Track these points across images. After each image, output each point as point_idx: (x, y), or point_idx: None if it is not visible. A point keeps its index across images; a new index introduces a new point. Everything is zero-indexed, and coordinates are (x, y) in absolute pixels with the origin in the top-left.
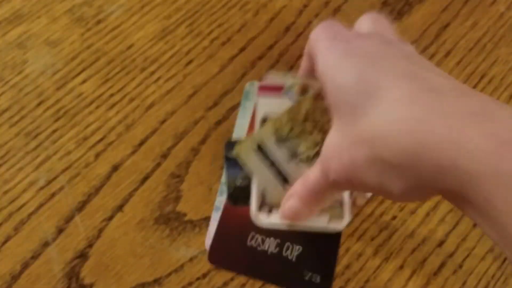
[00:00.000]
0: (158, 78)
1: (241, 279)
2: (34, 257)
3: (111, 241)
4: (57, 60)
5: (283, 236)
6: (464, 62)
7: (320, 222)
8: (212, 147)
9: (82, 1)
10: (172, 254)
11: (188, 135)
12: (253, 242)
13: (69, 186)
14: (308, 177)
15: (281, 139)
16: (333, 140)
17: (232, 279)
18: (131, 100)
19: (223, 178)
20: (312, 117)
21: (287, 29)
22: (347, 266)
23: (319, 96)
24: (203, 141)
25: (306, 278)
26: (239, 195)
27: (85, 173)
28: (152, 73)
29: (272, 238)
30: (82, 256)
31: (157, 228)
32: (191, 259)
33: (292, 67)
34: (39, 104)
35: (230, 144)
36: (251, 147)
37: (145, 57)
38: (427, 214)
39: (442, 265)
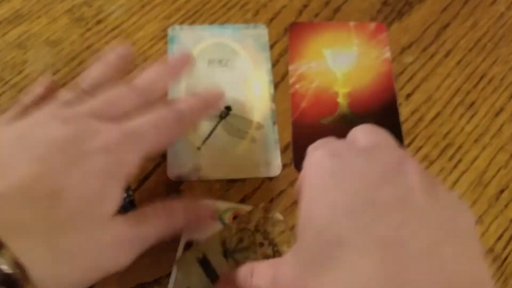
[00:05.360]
0: None
1: None
2: None
3: None
4: (57, 60)
5: None
6: (464, 62)
7: None
8: None
9: (82, 1)
10: (172, 254)
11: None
12: None
13: None
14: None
15: (228, 251)
16: (288, 269)
17: None
18: None
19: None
20: (263, 228)
21: (287, 29)
22: None
23: (269, 209)
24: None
25: None
26: None
27: None
28: None
29: None
30: None
31: None
32: None
33: None
34: None
35: None
36: (194, 259)
37: (145, 57)
38: None
39: None
